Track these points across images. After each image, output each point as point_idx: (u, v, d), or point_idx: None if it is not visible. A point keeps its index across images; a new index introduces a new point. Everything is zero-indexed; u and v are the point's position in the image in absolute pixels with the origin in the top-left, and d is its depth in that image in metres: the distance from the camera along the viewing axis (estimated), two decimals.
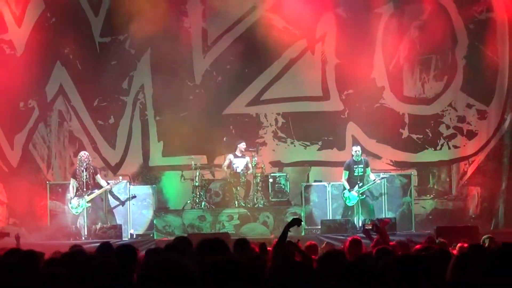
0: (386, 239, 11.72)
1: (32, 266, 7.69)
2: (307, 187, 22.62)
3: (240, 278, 4.59)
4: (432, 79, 23.99)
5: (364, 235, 13.62)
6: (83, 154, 21.97)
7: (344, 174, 21.61)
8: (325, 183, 22.58)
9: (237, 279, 4.53)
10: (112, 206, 22.43)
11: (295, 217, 10.31)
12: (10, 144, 23.96)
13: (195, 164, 22.63)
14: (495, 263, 5.60)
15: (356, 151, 21.63)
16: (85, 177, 21.43)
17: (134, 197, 22.44)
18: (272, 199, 22.28)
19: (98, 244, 16.49)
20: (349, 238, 11.99)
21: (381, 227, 12.16)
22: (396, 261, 6.38)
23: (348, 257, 10.93)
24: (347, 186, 21.43)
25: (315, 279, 6.16)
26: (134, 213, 22.42)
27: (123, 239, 20.24)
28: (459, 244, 11.99)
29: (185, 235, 18.70)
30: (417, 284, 5.98)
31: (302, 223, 10.67)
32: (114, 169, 23.78)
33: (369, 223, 13.31)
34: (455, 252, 10.28)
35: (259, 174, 22.30)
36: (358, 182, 21.31)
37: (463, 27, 23.71)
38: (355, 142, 23.08)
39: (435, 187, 23.86)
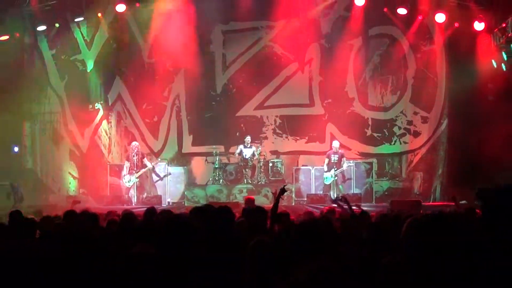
0: (351, 209, 11.71)
1: (95, 223, 7.84)
2: (297, 169, 22.66)
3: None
4: (389, 93, 23.95)
5: (336, 205, 13.66)
6: (134, 143, 22.11)
7: (325, 161, 21.69)
8: (310, 167, 22.64)
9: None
10: (154, 181, 22.51)
11: (281, 187, 10.13)
12: (81, 135, 24.01)
13: (216, 152, 22.70)
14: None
15: (335, 146, 21.77)
16: (135, 160, 21.54)
17: (169, 174, 22.54)
18: (271, 178, 22.34)
19: (143, 208, 16.60)
20: (326, 207, 12.05)
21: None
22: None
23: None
24: (326, 169, 21.49)
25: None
26: (171, 186, 22.53)
27: (162, 205, 20.27)
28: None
29: (208, 203, 18.80)
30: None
31: (287, 188, 10.72)
32: (156, 155, 23.83)
33: (340, 197, 13.37)
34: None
35: (262, 160, 22.37)
36: (334, 167, 21.37)
37: (413, 56, 23.63)
38: (333, 138, 23.12)
39: (390, 171, 23.84)
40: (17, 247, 4.87)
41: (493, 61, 22.16)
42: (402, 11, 22.64)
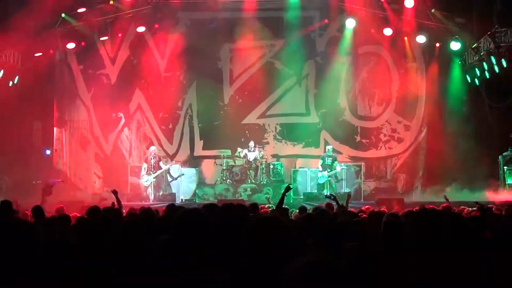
0: (339, 205, 11.72)
1: (118, 217, 7.87)
2: (295, 171, 22.69)
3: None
4: (376, 104, 23.99)
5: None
6: (152, 148, 22.18)
7: (320, 162, 21.73)
8: (306, 169, 22.65)
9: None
10: (169, 181, 22.51)
11: (286, 185, 10.30)
12: (105, 140, 24.07)
13: (223, 155, 22.71)
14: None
15: (328, 148, 21.90)
16: (152, 162, 21.56)
17: (182, 174, 22.53)
18: (272, 179, 22.31)
19: (160, 204, 16.63)
20: (323, 204, 12.12)
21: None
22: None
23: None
24: (320, 169, 21.51)
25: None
26: (184, 185, 22.50)
27: (176, 202, 20.26)
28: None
29: (216, 201, 18.91)
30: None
31: (292, 187, 10.98)
32: (171, 157, 23.83)
33: (329, 194, 13.42)
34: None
35: (264, 162, 22.38)
36: (327, 169, 21.39)
37: (396, 71, 23.70)
38: (327, 143, 23.13)
39: (376, 173, 23.84)
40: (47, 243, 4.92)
41: (467, 76, 22.27)
42: (387, 31, 22.72)
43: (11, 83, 21.78)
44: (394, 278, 4.05)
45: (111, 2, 22.38)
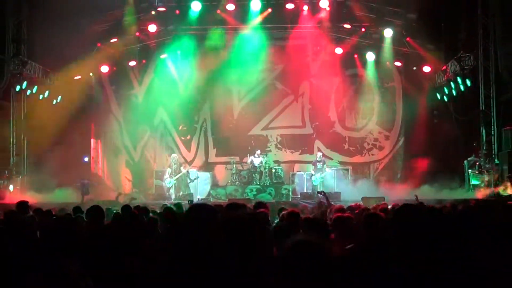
0: (329, 201, 11.74)
1: (144, 213, 7.97)
2: (293, 174, 22.74)
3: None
4: (361, 118, 24.04)
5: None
6: (174, 155, 22.37)
7: (312, 167, 21.74)
8: (302, 172, 22.69)
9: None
10: (188, 182, 22.55)
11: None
12: (134, 148, 24.23)
13: (233, 161, 22.79)
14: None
15: (318, 155, 21.94)
16: (174, 167, 21.63)
17: (198, 178, 22.58)
18: (274, 181, 22.33)
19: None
20: (317, 202, 12.13)
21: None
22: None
23: (316, 211, 10.96)
24: (314, 173, 21.54)
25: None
26: (200, 187, 22.57)
27: (194, 201, 20.28)
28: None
29: (227, 200, 18.99)
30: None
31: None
32: (189, 163, 23.90)
33: (321, 191, 13.50)
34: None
35: (267, 167, 22.39)
36: (320, 172, 21.43)
37: (378, 90, 23.78)
38: (319, 151, 23.14)
39: (361, 175, 23.85)
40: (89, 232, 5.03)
41: (437, 94, 22.37)
42: (370, 56, 22.88)
43: (54, 101, 21.98)
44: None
45: (138, 34, 22.57)
